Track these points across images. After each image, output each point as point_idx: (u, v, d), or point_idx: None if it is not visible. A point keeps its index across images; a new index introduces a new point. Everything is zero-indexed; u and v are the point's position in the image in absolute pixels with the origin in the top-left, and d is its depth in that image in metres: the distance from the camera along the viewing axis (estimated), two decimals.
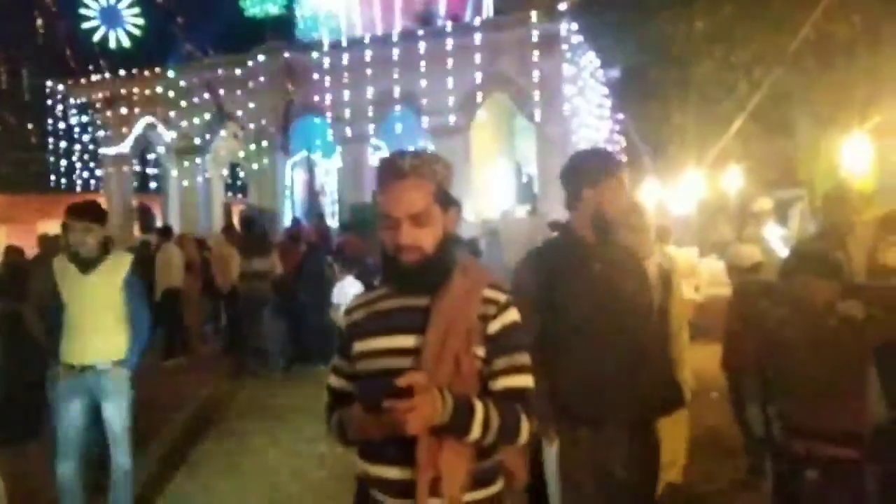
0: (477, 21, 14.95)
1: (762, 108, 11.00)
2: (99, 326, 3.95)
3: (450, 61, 14.48)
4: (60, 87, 17.34)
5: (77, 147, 17.78)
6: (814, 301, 2.77)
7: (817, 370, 2.73)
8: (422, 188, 1.68)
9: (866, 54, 9.22)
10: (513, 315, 1.72)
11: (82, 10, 16.80)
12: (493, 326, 1.68)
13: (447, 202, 1.75)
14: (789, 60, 10.18)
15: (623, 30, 14.08)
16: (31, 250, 8.65)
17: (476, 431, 1.55)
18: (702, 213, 10.78)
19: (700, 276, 10.56)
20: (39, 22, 12.62)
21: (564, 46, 13.94)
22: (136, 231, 17.08)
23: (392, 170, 1.68)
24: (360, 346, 1.72)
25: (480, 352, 1.66)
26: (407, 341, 1.65)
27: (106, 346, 3.96)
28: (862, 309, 2.80)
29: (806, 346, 2.78)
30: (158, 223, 16.45)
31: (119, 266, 4.05)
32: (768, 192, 9.61)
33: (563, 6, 13.38)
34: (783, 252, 9.46)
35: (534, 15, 13.68)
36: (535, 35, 13.77)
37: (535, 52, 13.78)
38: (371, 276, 8.65)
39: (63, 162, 17.81)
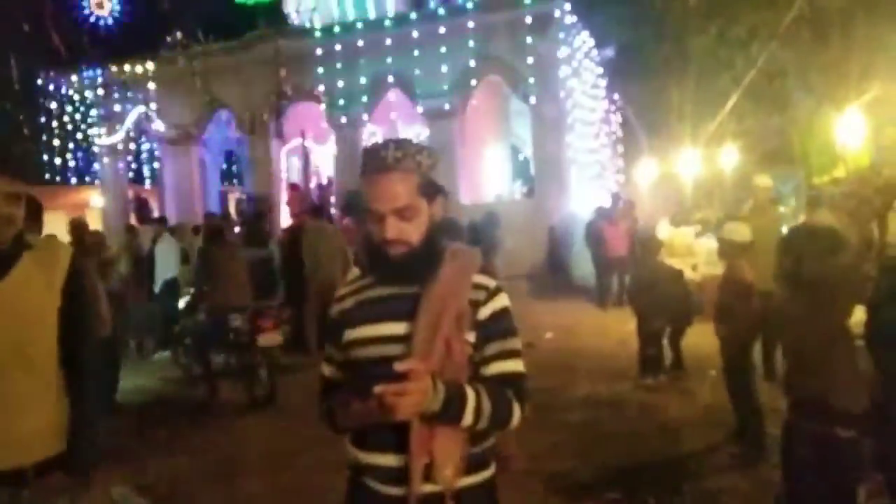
0: (469, 3, 14.83)
1: (757, 84, 10.97)
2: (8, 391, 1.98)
3: (443, 44, 14.38)
4: (53, 80, 17.16)
5: (70, 140, 17.63)
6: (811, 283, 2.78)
7: (810, 342, 2.77)
8: (406, 181, 1.65)
9: (861, 28, 9.17)
10: (503, 300, 1.73)
11: None
12: (484, 312, 1.69)
13: (433, 192, 1.72)
14: (784, 35, 10.11)
15: (617, 7, 13.96)
16: None
17: (468, 418, 1.57)
18: (697, 190, 10.79)
19: (698, 256, 10.61)
20: (26, 9, 12.42)
21: (558, 27, 13.85)
22: (134, 223, 16.99)
23: (375, 162, 1.66)
24: (350, 334, 1.72)
25: (471, 337, 1.66)
26: (398, 328, 1.65)
27: (25, 431, 1.99)
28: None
29: (801, 321, 2.82)
30: (156, 214, 16.39)
31: (48, 266, 2.09)
32: (763, 169, 9.62)
33: None
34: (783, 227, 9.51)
35: None
36: (528, 17, 13.67)
37: (529, 34, 13.68)
38: None
39: (56, 154, 17.66)
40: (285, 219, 14.91)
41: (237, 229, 11.91)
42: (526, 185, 16.62)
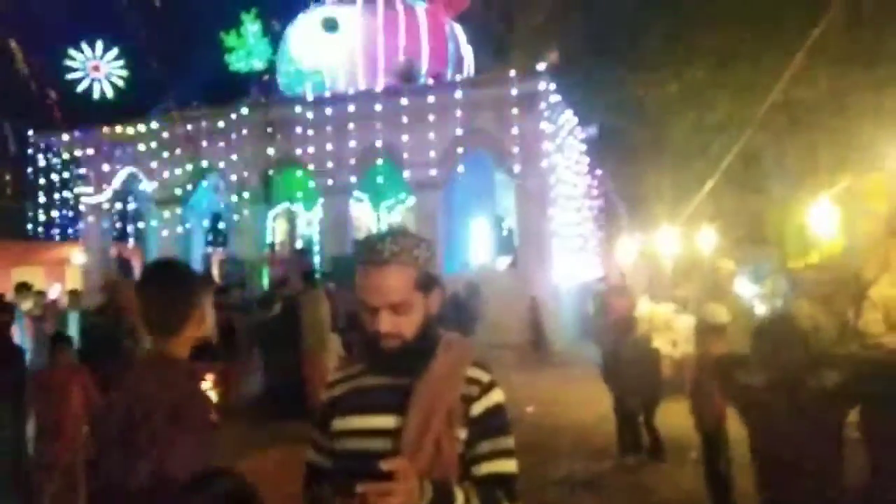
0: (457, 78, 15.32)
1: (734, 168, 11.36)
2: None
3: (431, 117, 14.78)
4: (44, 139, 17.34)
5: (56, 197, 17.68)
6: (787, 371, 2.84)
7: (794, 440, 2.78)
8: (402, 275, 1.63)
9: (833, 120, 9.61)
10: (497, 396, 1.69)
11: (68, 62, 16.95)
12: (477, 408, 1.65)
13: (429, 285, 1.70)
14: (759, 122, 10.54)
15: (598, 91, 14.53)
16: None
17: None
18: (676, 269, 11.00)
19: (677, 332, 10.67)
20: (24, 72, 12.74)
21: (542, 104, 14.32)
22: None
23: (371, 255, 1.64)
24: (338, 423, 1.70)
25: (462, 434, 1.62)
26: (387, 422, 1.62)
27: None
28: (836, 377, 2.87)
29: (783, 416, 2.83)
30: (137, 273, 16.28)
31: None
32: (740, 249, 9.84)
33: (541, 66, 13.80)
34: (758, 308, 9.60)
35: (512, 73, 14.09)
36: (513, 93, 14.14)
37: (515, 110, 14.12)
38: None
39: (41, 211, 17.67)
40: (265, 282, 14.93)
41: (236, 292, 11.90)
42: (509, 256, 16.86)
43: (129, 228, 19.42)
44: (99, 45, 17.04)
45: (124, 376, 2.05)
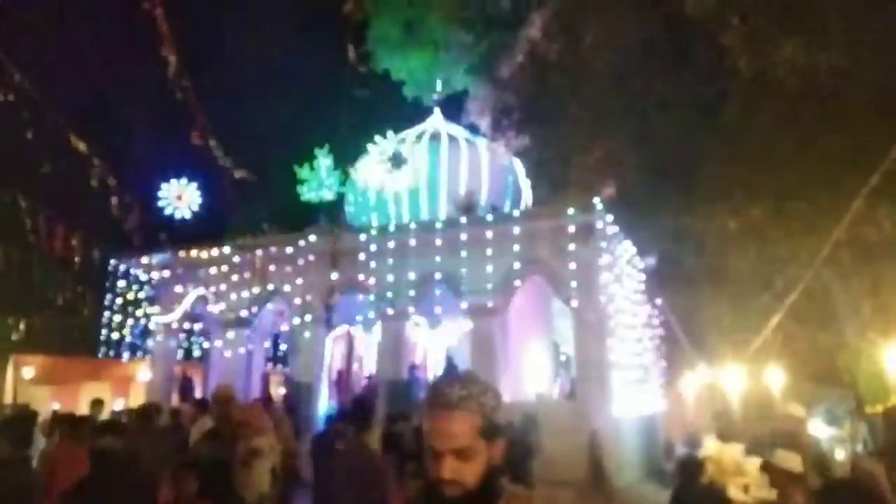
0: (516, 212, 15.79)
1: (800, 304, 11.08)
2: None
3: (489, 247, 15.14)
4: (123, 263, 18.55)
5: (128, 315, 18.57)
6: None
7: None
8: (467, 421, 1.67)
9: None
10: None
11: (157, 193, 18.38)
12: None
13: (494, 434, 1.72)
14: (825, 259, 10.39)
15: (656, 222, 14.69)
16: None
17: None
18: (746, 407, 10.54)
19: (748, 476, 10.05)
20: (113, 201, 13.90)
21: (599, 237, 14.51)
22: (175, 400, 17.19)
23: (439, 399, 1.69)
24: None
25: None
26: None
27: None
28: None
29: None
30: (198, 393, 16.62)
31: None
32: (810, 390, 9.41)
33: (596, 200, 14.13)
34: (836, 452, 9.04)
35: (569, 210, 14.45)
36: (571, 226, 14.41)
37: (571, 243, 14.34)
38: None
39: (113, 330, 18.54)
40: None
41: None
42: (567, 384, 16.48)
43: (195, 349, 20.02)
44: (184, 179, 18.45)
45: None
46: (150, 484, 4.47)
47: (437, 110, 20.67)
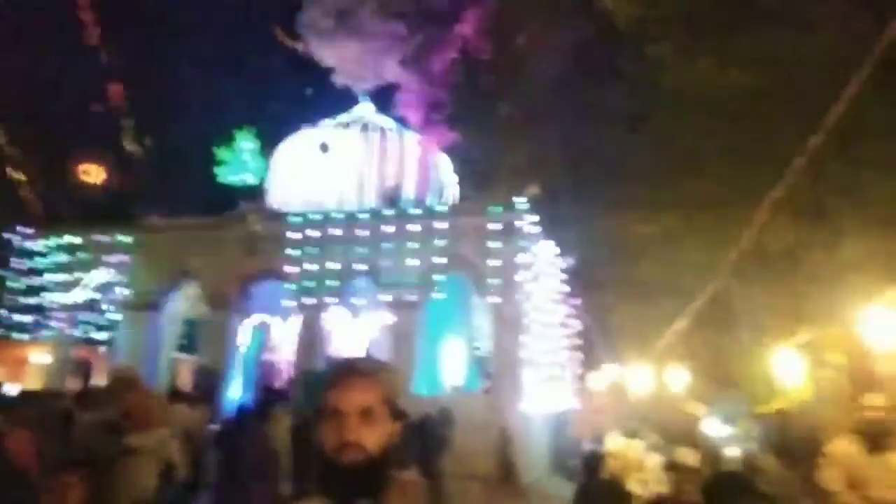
0: (441, 208, 15.87)
1: (705, 309, 11.61)
2: None
3: (413, 240, 15.14)
4: (25, 241, 17.43)
5: (28, 296, 17.49)
6: None
7: None
8: (374, 387, 1.71)
9: (791, 275, 10.02)
10: None
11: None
12: None
13: (395, 414, 1.75)
14: (729, 267, 10.91)
15: (575, 225, 15.08)
16: None
17: None
18: (647, 405, 10.99)
19: (648, 472, 10.44)
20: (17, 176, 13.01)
21: (521, 236, 14.78)
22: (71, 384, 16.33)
23: (345, 368, 1.74)
24: None
25: None
26: None
27: None
28: None
29: None
30: (99, 379, 15.82)
31: None
32: (709, 389, 9.88)
33: (520, 200, 14.38)
34: (729, 450, 9.49)
35: (493, 207, 14.66)
36: (494, 223, 14.61)
37: (494, 240, 14.56)
38: None
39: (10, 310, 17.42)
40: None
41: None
42: (483, 380, 16.70)
43: (100, 333, 19.08)
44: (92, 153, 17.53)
45: None
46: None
47: (366, 100, 20.44)
